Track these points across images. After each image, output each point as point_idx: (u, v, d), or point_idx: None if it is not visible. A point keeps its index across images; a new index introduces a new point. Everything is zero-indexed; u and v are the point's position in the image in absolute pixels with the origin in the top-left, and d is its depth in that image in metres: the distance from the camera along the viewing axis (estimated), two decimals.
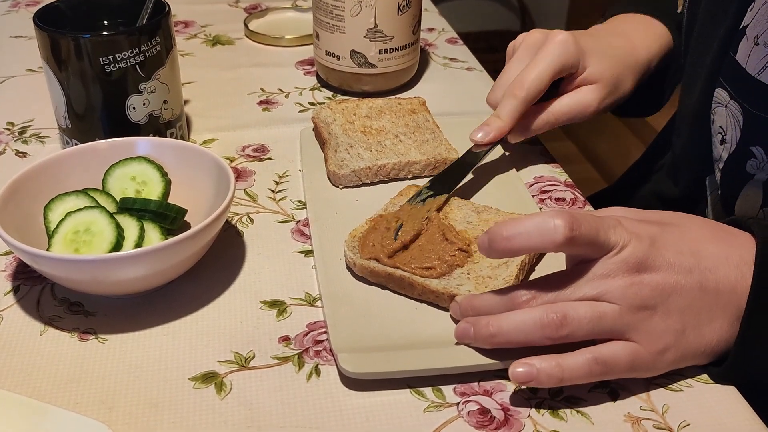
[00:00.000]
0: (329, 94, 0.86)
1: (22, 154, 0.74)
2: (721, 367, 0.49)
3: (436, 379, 0.49)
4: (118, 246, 0.54)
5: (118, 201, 0.58)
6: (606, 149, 2.29)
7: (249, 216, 0.65)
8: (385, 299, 0.55)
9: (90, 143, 0.62)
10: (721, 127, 0.62)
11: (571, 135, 2.44)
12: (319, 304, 0.56)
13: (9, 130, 0.78)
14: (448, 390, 0.49)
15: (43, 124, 0.78)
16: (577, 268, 0.48)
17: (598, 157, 2.30)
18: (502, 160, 0.71)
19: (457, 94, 0.86)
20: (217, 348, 0.52)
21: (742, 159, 0.60)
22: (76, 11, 0.70)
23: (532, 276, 0.57)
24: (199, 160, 0.61)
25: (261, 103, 0.84)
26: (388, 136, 0.72)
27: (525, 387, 0.49)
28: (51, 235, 0.55)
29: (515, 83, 0.66)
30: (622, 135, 2.22)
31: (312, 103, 0.84)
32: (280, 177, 0.71)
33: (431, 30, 1.03)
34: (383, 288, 0.56)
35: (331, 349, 0.51)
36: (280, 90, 0.86)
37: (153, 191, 0.59)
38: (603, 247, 0.46)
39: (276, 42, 0.97)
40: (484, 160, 0.68)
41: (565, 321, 0.46)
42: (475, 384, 0.49)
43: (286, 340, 0.53)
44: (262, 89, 0.86)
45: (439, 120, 0.75)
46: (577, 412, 0.48)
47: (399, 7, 0.79)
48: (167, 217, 0.57)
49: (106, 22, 0.72)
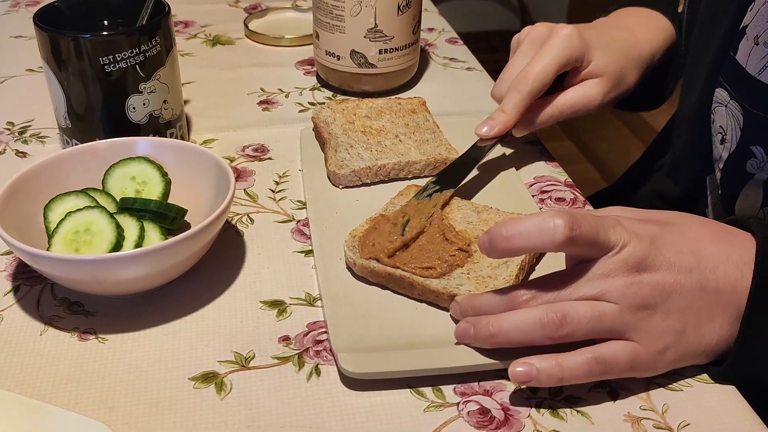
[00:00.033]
0: (329, 94, 0.86)
1: (22, 154, 0.74)
2: (721, 367, 0.49)
3: (436, 379, 0.49)
4: (118, 246, 0.54)
5: (118, 201, 0.58)
6: (606, 149, 2.29)
7: (249, 216, 0.65)
8: (385, 299, 0.55)
9: (90, 143, 0.62)
10: (721, 126, 0.62)
11: (571, 135, 2.44)
12: (319, 304, 0.56)
13: (9, 130, 0.78)
14: (448, 390, 0.49)
15: (43, 124, 0.78)
16: (577, 267, 0.48)
17: (598, 157, 2.30)
18: (503, 160, 0.71)
19: (457, 94, 0.86)
20: (218, 348, 0.52)
21: (743, 159, 0.60)
22: (76, 11, 0.70)
23: (532, 276, 0.57)
24: (199, 160, 0.61)
25: (261, 103, 0.84)
26: (388, 136, 0.72)
27: (525, 387, 0.49)
28: (51, 235, 0.55)
29: (520, 77, 0.66)
30: (622, 135, 2.22)
31: (312, 103, 0.84)
32: (280, 177, 0.71)
33: (431, 30, 1.03)
34: (383, 288, 0.56)
35: (331, 349, 0.51)
36: (280, 90, 0.86)
37: (153, 191, 0.59)
38: (603, 246, 0.46)
39: (276, 42, 0.97)
40: (489, 154, 0.68)
41: (564, 321, 0.46)
42: (475, 384, 0.49)
43: (286, 340, 0.53)
44: (262, 89, 0.86)
45: (439, 120, 0.75)
46: (577, 411, 0.48)
47: (399, 7, 0.79)
48: (167, 217, 0.57)
49: (106, 22, 0.72)
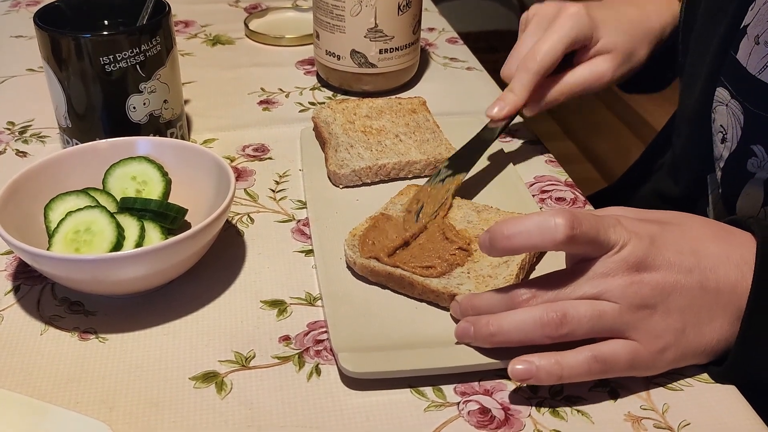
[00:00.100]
0: (329, 93, 0.86)
1: (23, 154, 0.74)
2: (721, 367, 0.49)
3: (436, 379, 0.49)
4: (118, 246, 0.54)
5: (119, 201, 0.58)
6: (606, 149, 2.29)
7: (249, 216, 0.65)
8: (385, 299, 0.55)
9: (90, 143, 0.62)
10: (721, 126, 0.62)
11: (571, 135, 2.44)
12: (319, 303, 0.56)
13: (9, 129, 0.78)
14: (449, 389, 0.49)
15: (44, 123, 0.78)
16: (577, 266, 0.48)
17: (598, 157, 2.30)
18: (503, 160, 0.71)
19: (458, 93, 0.86)
20: (218, 347, 0.52)
21: (743, 158, 0.60)
22: (76, 11, 0.70)
23: (533, 275, 0.57)
24: (200, 159, 0.61)
25: (261, 102, 0.84)
26: (388, 136, 0.72)
27: (524, 385, 0.49)
28: (51, 235, 0.55)
29: (528, 57, 0.66)
30: (622, 135, 2.22)
31: (312, 103, 0.84)
32: (281, 177, 0.71)
33: (431, 30, 1.03)
34: (383, 287, 0.56)
35: (331, 349, 0.51)
36: (281, 90, 0.86)
37: (153, 191, 0.59)
38: (603, 245, 0.47)
39: (276, 42, 0.97)
40: (489, 155, 0.68)
41: (565, 320, 0.46)
42: (476, 383, 0.49)
43: (286, 339, 0.53)
44: (263, 89, 0.86)
45: (440, 120, 0.75)
46: (578, 411, 0.48)
47: (399, 7, 0.79)
48: (168, 216, 0.57)
49: (107, 22, 0.72)
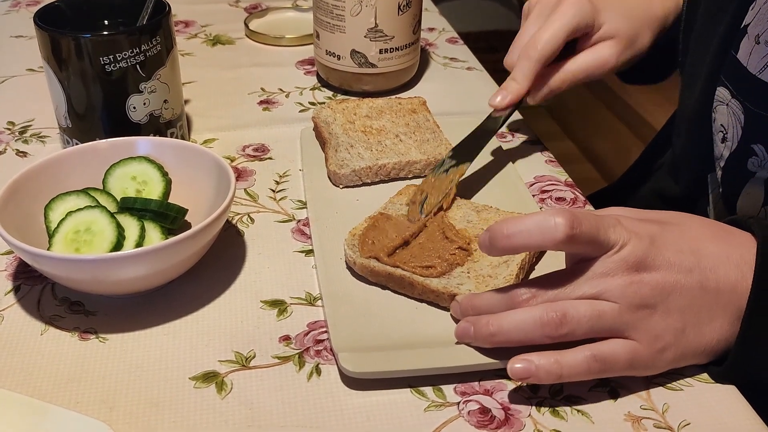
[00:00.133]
0: (329, 93, 0.86)
1: (23, 154, 0.74)
2: (721, 367, 0.49)
3: (436, 379, 0.49)
4: (118, 246, 0.54)
5: (119, 201, 0.58)
6: (606, 149, 2.29)
7: (249, 216, 0.65)
8: (385, 299, 0.55)
9: (90, 143, 0.62)
10: (722, 125, 0.62)
11: (571, 135, 2.44)
12: (319, 303, 0.56)
13: (9, 129, 0.78)
14: (449, 389, 0.49)
15: (44, 123, 0.78)
16: (577, 266, 0.48)
17: (598, 157, 2.30)
18: (503, 160, 0.71)
19: (458, 93, 0.86)
20: (218, 347, 0.52)
21: (744, 157, 0.60)
22: (76, 11, 0.70)
23: (533, 275, 0.57)
24: (200, 159, 0.61)
25: (261, 102, 0.84)
26: (388, 136, 0.72)
27: (524, 384, 0.49)
28: (51, 235, 0.55)
29: (529, 45, 0.66)
30: (622, 135, 2.22)
31: (312, 103, 0.84)
32: (281, 177, 0.71)
33: (431, 30, 1.03)
34: (383, 288, 0.56)
35: (331, 349, 0.51)
36: (281, 90, 0.86)
37: (153, 191, 0.59)
38: (603, 245, 0.47)
39: (276, 42, 0.97)
40: (489, 154, 0.68)
41: (564, 319, 0.46)
42: (476, 383, 0.49)
43: (286, 339, 0.53)
44: (263, 89, 0.86)
45: (440, 120, 0.75)
46: (578, 411, 0.48)
47: (399, 7, 0.79)
48: (168, 216, 0.57)
49: (107, 22, 0.72)
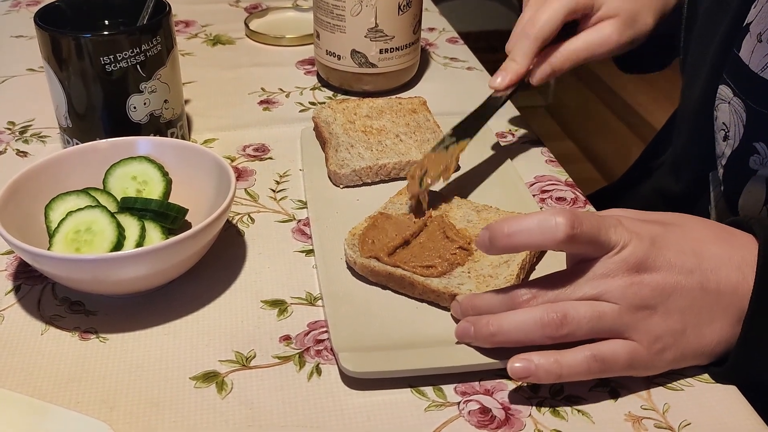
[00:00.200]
0: (330, 93, 0.86)
1: (23, 154, 0.74)
2: (722, 368, 0.49)
3: (436, 379, 0.49)
4: (119, 245, 0.54)
5: (119, 200, 0.58)
6: (606, 149, 2.29)
7: (250, 215, 0.65)
8: (385, 298, 0.55)
9: (91, 143, 0.62)
10: (724, 123, 0.62)
11: (571, 135, 2.44)
12: (319, 303, 0.56)
13: (10, 129, 0.78)
14: (449, 389, 0.49)
15: (44, 123, 0.78)
16: (578, 267, 0.48)
17: (598, 157, 2.30)
18: (503, 160, 0.71)
19: (458, 93, 0.86)
20: (218, 347, 0.52)
21: (745, 155, 0.60)
22: (76, 11, 0.70)
23: (533, 275, 0.57)
24: (200, 159, 0.61)
25: (262, 102, 0.84)
26: (388, 136, 0.72)
27: (525, 384, 0.49)
28: (52, 235, 0.55)
29: (527, 24, 0.67)
30: (622, 135, 2.22)
31: (312, 103, 0.84)
32: (281, 176, 0.71)
33: (432, 30, 1.03)
34: (384, 288, 0.56)
35: (332, 349, 0.51)
36: (281, 90, 0.86)
37: (154, 191, 0.59)
38: (604, 246, 0.47)
39: (276, 42, 0.97)
40: (490, 153, 0.69)
41: (565, 320, 0.46)
42: (476, 383, 0.49)
43: (287, 339, 0.53)
44: (263, 89, 0.86)
45: (440, 120, 0.75)
46: (578, 411, 0.48)
47: (399, 7, 0.79)
48: (168, 216, 0.57)
49: (107, 22, 0.72)
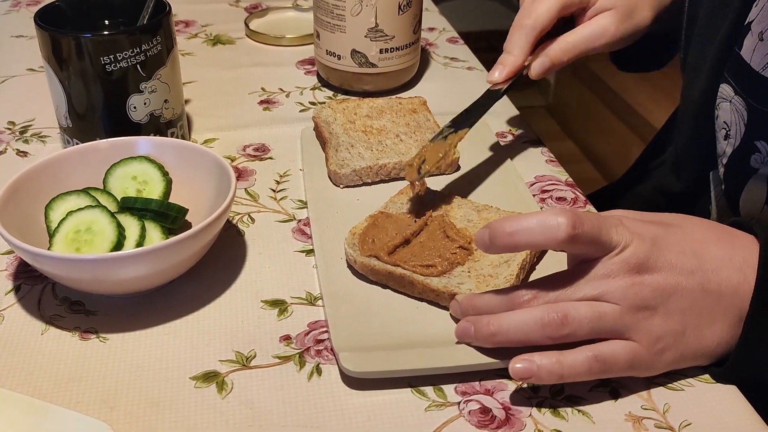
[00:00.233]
0: (330, 93, 0.86)
1: (23, 154, 0.74)
2: (722, 368, 0.49)
3: (437, 378, 0.49)
4: (119, 245, 0.54)
5: (119, 200, 0.58)
6: (606, 149, 2.29)
7: (250, 215, 0.65)
8: (385, 298, 0.55)
9: (91, 143, 0.62)
10: (725, 122, 0.62)
11: (571, 135, 2.44)
12: (320, 303, 0.56)
13: (10, 129, 0.78)
14: (449, 389, 0.49)
15: (44, 123, 0.78)
16: (579, 267, 0.48)
17: (598, 157, 2.30)
18: (503, 160, 0.71)
19: (458, 93, 0.86)
20: (219, 347, 0.52)
21: (747, 154, 0.60)
22: (76, 11, 0.70)
23: (533, 275, 0.57)
24: (200, 159, 0.61)
25: (262, 102, 0.84)
26: (388, 136, 0.72)
27: (525, 384, 0.49)
28: (52, 235, 0.55)
29: (522, 16, 0.67)
30: (622, 135, 2.22)
31: (313, 103, 0.84)
32: (281, 176, 0.71)
33: (432, 29, 1.03)
34: (384, 287, 0.56)
35: (332, 348, 0.51)
36: (281, 89, 0.86)
37: (154, 191, 0.59)
38: (605, 246, 0.46)
39: (277, 41, 0.97)
40: (489, 154, 0.69)
41: (565, 321, 0.46)
42: (476, 383, 0.49)
43: (287, 339, 0.53)
44: (263, 89, 0.86)
45: (440, 119, 0.75)
46: (578, 411, 0.48)
47: (400, 7, 0.79)
48: (168, 216, 0.57)
49: (107, 22, 0.72)
